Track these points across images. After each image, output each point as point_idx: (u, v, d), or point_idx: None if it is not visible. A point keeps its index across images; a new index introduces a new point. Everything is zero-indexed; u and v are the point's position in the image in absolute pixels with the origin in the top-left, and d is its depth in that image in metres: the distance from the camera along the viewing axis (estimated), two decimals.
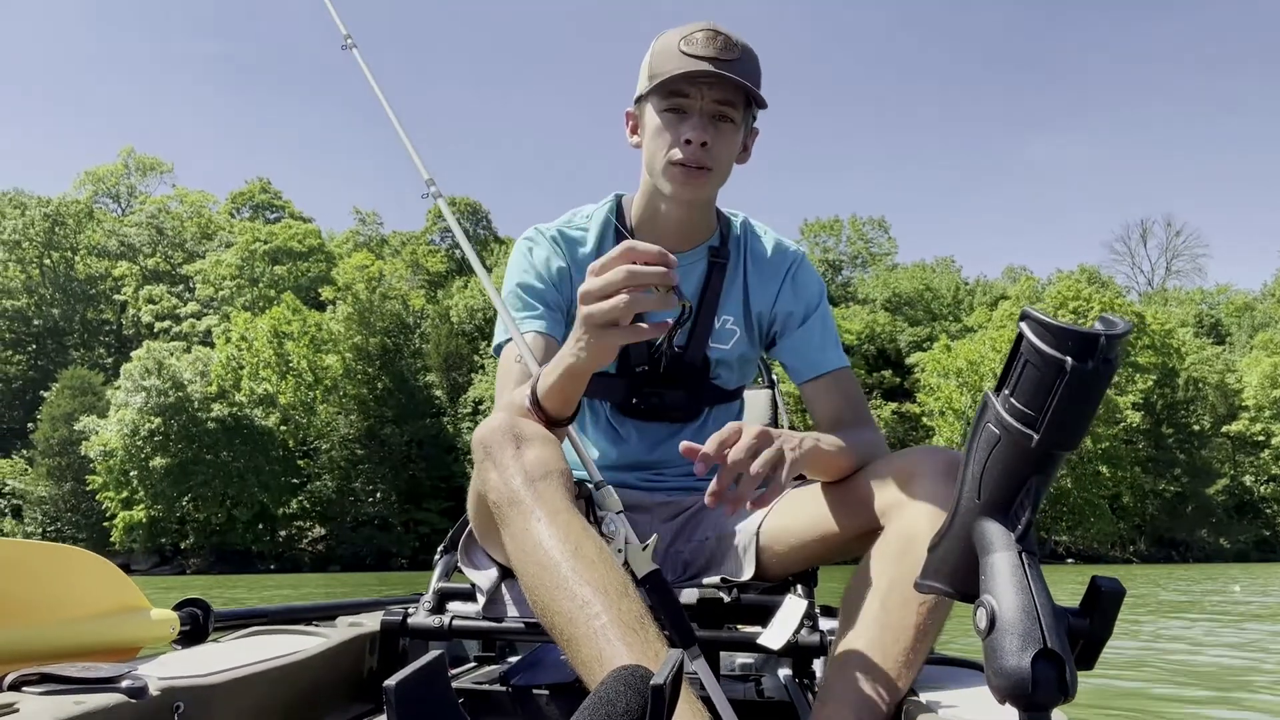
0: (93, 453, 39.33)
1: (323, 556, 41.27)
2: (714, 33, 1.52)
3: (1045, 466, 0.80)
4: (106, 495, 39.15)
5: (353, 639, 1.57)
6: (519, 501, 1.24)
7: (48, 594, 1.31)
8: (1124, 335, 0.75)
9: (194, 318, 50.54)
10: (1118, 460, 43.23)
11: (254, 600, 12.05)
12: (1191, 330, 52.68)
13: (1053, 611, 0.76)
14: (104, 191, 58.78)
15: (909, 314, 54.78)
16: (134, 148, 59.81)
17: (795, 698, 1.70)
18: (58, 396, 42.28)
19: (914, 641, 1.20)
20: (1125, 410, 43.46)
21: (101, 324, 54.15)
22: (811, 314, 1.72)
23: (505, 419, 1.35)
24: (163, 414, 39.15)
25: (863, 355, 48.89)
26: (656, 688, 0.77)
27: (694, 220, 1.68)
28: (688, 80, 1.51)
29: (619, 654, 1.05)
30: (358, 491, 43.13)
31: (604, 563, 1.17)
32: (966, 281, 61.42)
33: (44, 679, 1.01)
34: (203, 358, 42.32)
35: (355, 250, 53.27)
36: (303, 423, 43.08)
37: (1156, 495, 45.15)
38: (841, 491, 1.47)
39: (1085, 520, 42.56)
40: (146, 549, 39.90)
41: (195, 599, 1.68)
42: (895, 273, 58.79)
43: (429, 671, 0.92)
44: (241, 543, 40.55)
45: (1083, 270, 55.41)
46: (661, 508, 1.73)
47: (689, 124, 1.52)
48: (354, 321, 44.87)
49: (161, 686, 1.06)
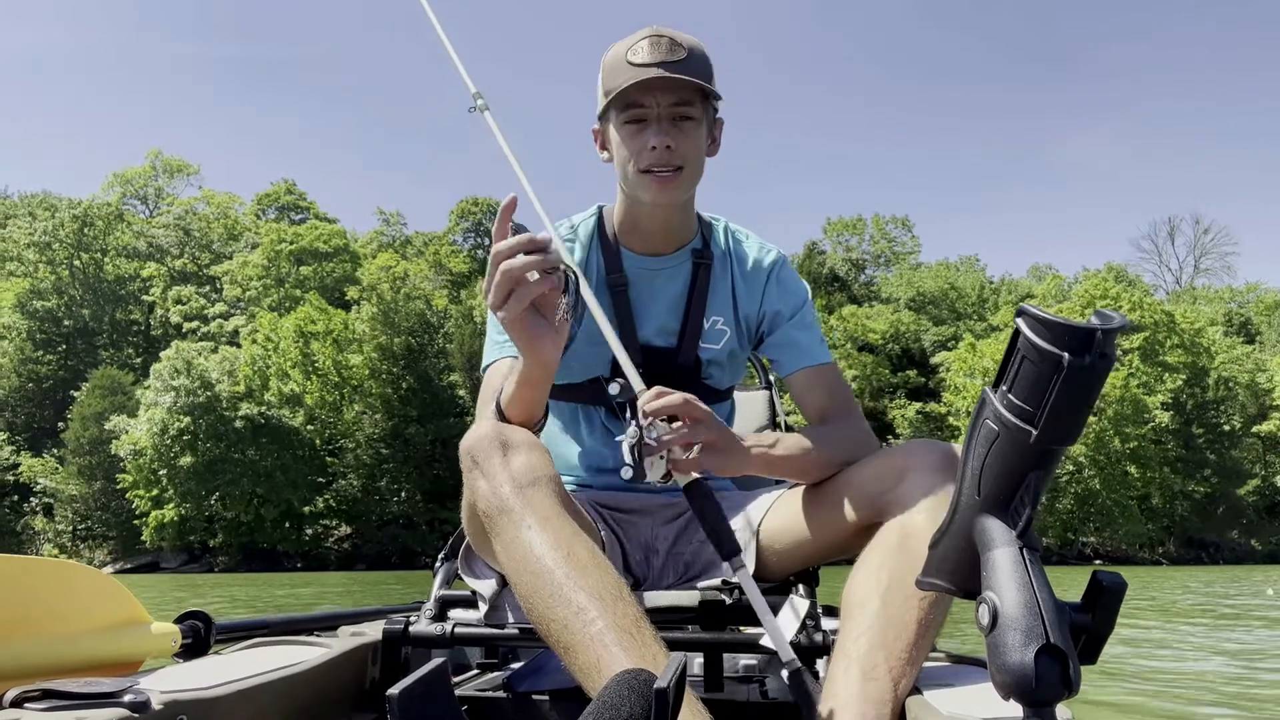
0: (123, 451, 39.77)
1: (348, 555, 41.52)
2: (657, 37, 1.55)
3: (1044, 462, 0.79)
4: (137, 494, 39.58)
5: (355, 648, 1.57)
6: (509, 509, 1.25)
7: (48, 610, 1.31)
8: (1120, 330, 0.74)
9: (221, 318, 51.01)
10: (1147, 461, 42.72)
11: (283, 598, 12.15)
12: (1221, 329, 51.94)
13: (1055, 607, 0.76)
14: (132, 193, 59.41)
15: (933, 313, 54.40)
16: (161, 150, 60.44)
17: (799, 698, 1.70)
18: (88, 396, 42.80)
19: (916, 638, 1.20)
20: (1154, 410, 42.95)
21: (130, 324, 54.75)
22: (798, 313, 1.75)
23: (491, 427, 1.36)
24: (191, 413, 39.53)
25: (887, 354, 48.56)
26: (660, 691, 0.77)
27: (674, 224, 1.70)
28: (640, 90, 1.54)
29: (617, 659, 1.05)
30: (383, 490, 43.36)
31: (597, 567, 1.17)
32: (991, 280, 60.94)
33: (46, 695, 1.00)
34: (230, 357, 42.71)
35: (380, 251, 53.62)
36: (329, 422, 43.39)
37: (1186, 496, 44.54)
38: (838, 487, 1.47)
39: (1114, 521, 42.05)
40: (175, 547, 40.32)
41: (196, 611, 1.68)
42: (919, 271, 58.43)
43: (432, 680, 0.93)
44: (269, 541, 40.85)
45: (1110, 268, 54.81)
46: (661, 510, 1.74)
47: (650, 131, 1.56)
48: (378, 321, 45.15)
49: (164, 700, 1.05)
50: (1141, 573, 26.40)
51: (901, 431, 43.91)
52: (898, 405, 46.16)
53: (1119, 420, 41.73)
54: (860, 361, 46.43)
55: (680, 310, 1.72)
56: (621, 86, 1.54)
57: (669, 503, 1.74)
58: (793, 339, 1.73)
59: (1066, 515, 41.92)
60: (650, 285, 1.72)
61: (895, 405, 46.09)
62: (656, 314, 1.72)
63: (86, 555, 41.48)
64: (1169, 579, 19.76)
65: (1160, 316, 45.29)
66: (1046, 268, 64.49)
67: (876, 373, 46.81)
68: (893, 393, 47.21)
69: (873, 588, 1.26)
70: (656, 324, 1.72)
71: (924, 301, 55.25)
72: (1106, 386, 28.25)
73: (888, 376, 47.17)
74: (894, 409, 45.77)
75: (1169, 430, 43.92)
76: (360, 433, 43.68)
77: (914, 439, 1.51)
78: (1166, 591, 13.42)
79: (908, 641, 1.20)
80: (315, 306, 43.71)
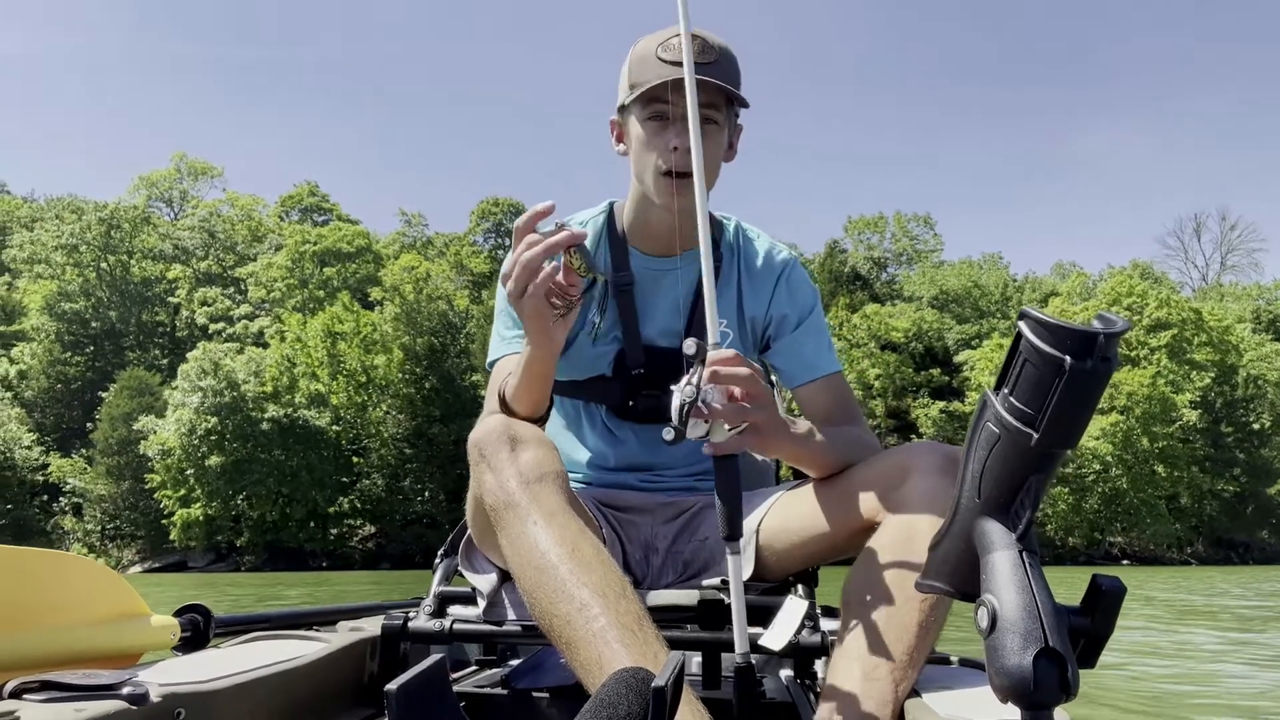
0: (151, 451, 40.18)
1: (373, 554, 41.76)
2: (691, 37, 1.52)
3: (1045, 465, 0.79)
4: (165, 493, 39.96)
5: (354, 643, 1.57)
6: (515, 504, 1.25)
7: (47, 601, 1.31)
8: (1122, 333, 0.74)
9: (246, 319, 51.45)
10: (1175, 460, 42.27)
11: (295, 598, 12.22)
12: (1249, 326, 51.28)
13: (1054, 610, 0.76)
14: (157, 196, 59.98)
15: (956, 311, 54.02)
16: (185, 153, 60.98)
17: (797, 699, 1.69)
18: (116, 397, 43.26)
19: (915, 640, 1.20)
20: (1183, 409, 42.49)
21: (156, 326, 55.31)
22: (806, 319, 1.72)
23: (500, 421, 1.37)
24: (219, 413, 39.90)
25: (910, 353, 48.21)
26: (658, 689, 0.77)
27: (685, 227, 1.67)
28: (666, 88, 1.51)
29: (618, 656, 1.05)
30: (406, 490, 43.58)
31: (602, 564, 1.17)
32: (1015, 278, 60.45)
33: (45, 686, 1.01)
34: (256, 358, 43.06)
35: (402, 252, 53.88)
36: (353, 422, 43.67)
37: (1215, 495, 44.00)
38: (838, 487, 1.46)
39: (1141, 521, 41.63)
40: (203, 547, 40.70)
41: (196, 604, 1.68)
42: (942, 270, 58.04)
43: (430, 675, 0.93)
44: (294, 540, 41.14)
45: (1135, 265, 54.27)
46: (662, 509, 1.74)
47: (672, 131, 1.53)
48: (401, 322, 45.40)
49: (163, 693, 1.06)
50: (1170, 574, 26.08)
51: (925, 430, 43.65)
52: (921, 404, 45.87)
53: (1147, 419, 41.29)
54: (883, 360, 46.18)
55: (685, 312, 1.71)
56: (650, 83, 1.52)
57: (669, 502, 1.75)
58: (800, 347, 1.70)
59: (1093, 515, 41.53)
60: (656, 286, 1.71)
61: (919, 404, 45.80)
62: (661, 314, 1.72)
63: (115, 554, 41.96)
64: (1197, 578, 19.49)
65: (1188, 314, 44.79)
66: (1070, 265, 63.96)
67: (900, 371, 46.53)
68: (916, 392, 46.91)
69: (872, 589, 1.25)
70: (661, 324, 1.72)
71: (947, 300, 54.87)
72: (1134, 385, 27.80)
73: (911, 375, 46.87)
74: (917, 408, 45.49)
75: (1197, 429, 43.47)
76: (384, 432, 43.93)
77: (915, 440, 1.49)
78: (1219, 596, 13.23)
79: (907, 643, 1.19)
80: (345, 306, 44.05)
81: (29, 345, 50.95)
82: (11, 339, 52.23)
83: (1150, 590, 13.95)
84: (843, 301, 50.31)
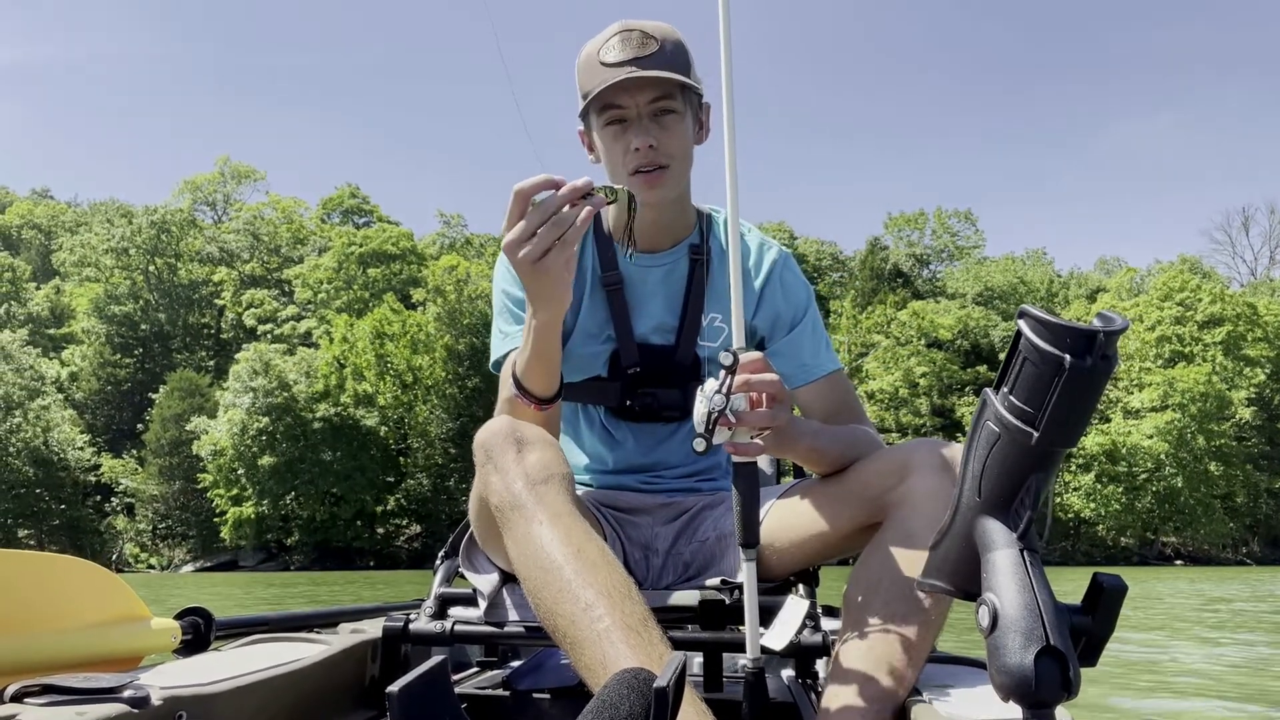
0: (203, 452, 40.79)
1: (419, 554, 42.08)
2: (627, 32, 1.53)
3: (1045, 464, 0.79)
4: (217, 493, 40.57)
5: (355, 646, 1.57)
6: (521, 505, 1.25)
7: (48, 604, 1.30)
8: (1122, 332, 0.74)
9: (293, 320, 52.01)
10: (1229, 458, 41.44)
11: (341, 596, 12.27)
12: None
13: (1055, 609, 0.76)
14: (201, 199, 60.83)
15: (1001, 308, 53.47)
16: (229, 156, 61.75)
17: (799, 698, 1.69)
18: (167, 398, 43.95)
19: (916, 639, 1.20)
20: (1237, 405, 41.70)
21: (202, 328, 56.12)
22: (801, 318, 1.71)
23: (506, 422, 1.37)
24: (270, 414, 40.39)
25: (956, 350, 47.79)
26: (660, 690, 0.78)
27: (667, 219, 1.68)
28: (616, 91, 1.52)
29: (622, 656, 1.06)
30: (451, 490, 43.88)
31: (607, 565, 1.18)
32: (1059, 274, 59.80)
33: (46, 690, 1.01)
34: (306, 359, 43.52)
35: (442, 252, 54.20)
36: (400, 422, 44.02)
37: (1272, 494, 43.11)
38: (839, 486, 1.45)
39: (1195, 521, 40.88)
40: (253, 546, 41.21)
41: (196, 607, 1.67)
42: (985, 266, 57.50)
43: (431, 677, 0.94)
44: (342, 540, 41.61)
45: (1183, 260, 53.48)
46: (662, 509, 1.73)
47: (632, 132, 1.54)
48: (443, 322, 45.70)
49: (164, 696, 1.05)
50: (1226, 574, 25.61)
51: None
52: (967, 402, 45.44)
53: (1201, 417, 40.57)
54: (930, 358, 45.80)
55: (678, 307, 1.70)
56: (596, 90, 1.52)
57: (669, 503, 1.74)
58: (799, 348, 1.68)
59: (1146, 515, 40.91)
60: (646, 282, 1.70)
61: (964, 402, 45.39)
62: (654, 311, 1.70)
63: (166, 554, 42.65)
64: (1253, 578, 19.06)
65: (1243, 309, 44.02)
66: (1114, 260, 63.20)
67: (946, 369, 46.13)
68: (961, 390, 46.49)
69: (873, 588, 1.26)
70: (654, 321, 1.70)
71: (991, 296, 54.32)
72: (1189, 382, 27.40)
73: (958, 373, 46.44)
74: (963, 406, 45.09)
75: (1253, 426, 42.62)
76: (430, 432, 44.25)
77: (915, 439, 1.47)
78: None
79: (908, 643, 1.20)
80: (391, 308, 44.42)
81: (79, 348, 51.87)
82: (61, 341, 53.17)
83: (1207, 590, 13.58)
84: (890, 299, 49.99)
